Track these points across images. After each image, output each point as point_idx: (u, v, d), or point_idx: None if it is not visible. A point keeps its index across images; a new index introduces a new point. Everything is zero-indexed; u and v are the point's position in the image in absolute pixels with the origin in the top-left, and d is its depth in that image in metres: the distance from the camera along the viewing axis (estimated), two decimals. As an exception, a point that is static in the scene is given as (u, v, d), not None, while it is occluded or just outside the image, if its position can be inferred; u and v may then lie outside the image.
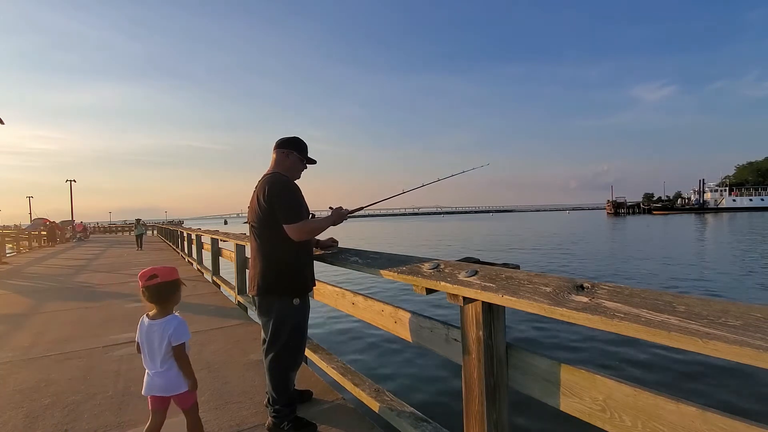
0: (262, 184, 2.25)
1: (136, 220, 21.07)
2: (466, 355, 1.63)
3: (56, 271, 10.90)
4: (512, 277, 1.46)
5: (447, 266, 1.75)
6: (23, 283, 8.88)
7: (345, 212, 2.45)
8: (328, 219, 2.35)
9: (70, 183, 40.77)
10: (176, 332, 1.85)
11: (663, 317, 0.99)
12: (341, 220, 2.43)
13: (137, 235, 18.29)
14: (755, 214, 59.59)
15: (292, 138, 2.43)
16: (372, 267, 2.16)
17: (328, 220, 2.34)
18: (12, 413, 2.62)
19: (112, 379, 3.12)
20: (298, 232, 2.19)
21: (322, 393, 2.73)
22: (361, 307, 2.60)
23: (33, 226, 33.91)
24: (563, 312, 1.19)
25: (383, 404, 2.29)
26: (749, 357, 0.84)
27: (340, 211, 2.43)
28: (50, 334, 4.46)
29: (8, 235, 19.48)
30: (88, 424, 2.45)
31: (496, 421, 1.58)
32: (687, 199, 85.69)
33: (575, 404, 1.32)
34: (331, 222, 2.35)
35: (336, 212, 2.42)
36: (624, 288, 1.17)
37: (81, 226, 33.10)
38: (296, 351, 2.31)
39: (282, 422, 2.23)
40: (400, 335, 2.19)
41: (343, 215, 2.44)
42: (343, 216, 2.43)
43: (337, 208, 2.44)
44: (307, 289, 2.35)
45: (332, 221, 2.37)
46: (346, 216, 2.45)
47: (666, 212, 74.44)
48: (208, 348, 3.79)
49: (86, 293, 7.15)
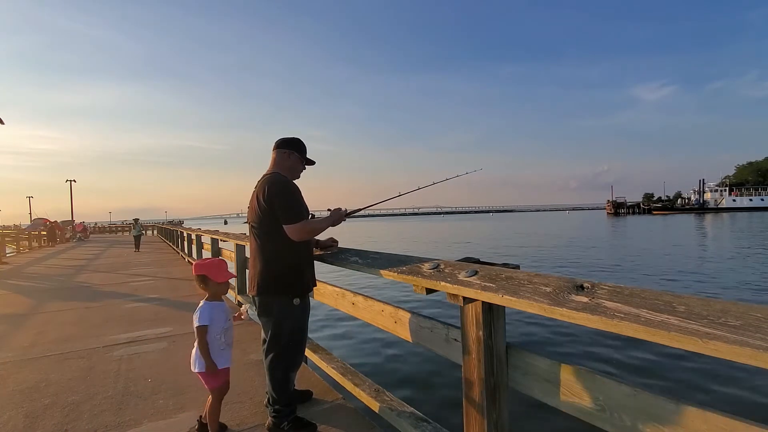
0: (262, 184, 2.25)
1: (134, 220, 20.35)
2: (466, 355, 1.63)
3: (56, 271, 10.90)
4: (512, 277, 1.45)
5: (447, 266, 1.75)
6: (23, 283, 8.88)
7: (344, 213, 2.45)
8: (328, 219, 2.35)
9: (70, 183, 40.81)
10: (199, 316, 2.12)
11: (663, 317, 0.99)
12: (340, 221, 2.44)
13: (135, 236, 17.63)
14: (755, 214, 59.58)
15: (293, 138, 2.43)
16: (372, 267, 2.15)
17: (327, 220, 2.34)
18: (12, 413, 2.62)
19: (112, 379, 3.12)
20: (299, 233, 2.19)
21: (322, 393, 2.73)
22: (361, 307, 2.60)
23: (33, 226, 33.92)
24: (563, 312, 1.19)
25: (383, 404, 2.29)
26: (749, 357, 0.83)
27: (339, 212, 2.44)
28: (50, 334, 4.46)
29: (8, 235, 19.48)
30: (88, 424, 2.45)
31: (496, 421, 1.58)
32: (687, 199, 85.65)
33: (575, 404, 1.32)
34: (330, 222, 2.36)
35: (335, 213, 2.42)
36: (624, 288, 1.17)
37: (81, 226, 33.10)
38: (296, 351, 2.31)
39: (282, 422, 2.23)
40: (400, 335, 2.19)
41: (342, 216, 2.44)
42: (342, 217, 2.44)
43: (336, 209, 2.44)
44: (308, 289, 2.35)
45: (331, 222, 2.37)
46: (344, 217, 2.46)
47: (666, 212, 74.43)
48: (208, 348, 3.79)
49: (86, 293, 7.15)
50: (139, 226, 18.28)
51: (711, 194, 78.90)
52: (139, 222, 19.40)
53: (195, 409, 2.57)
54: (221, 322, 2.17)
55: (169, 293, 6.82)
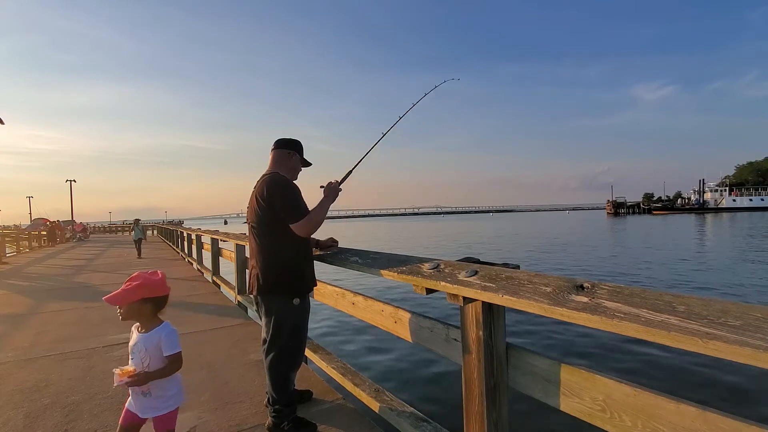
0: (262, 184, 2.25)
1: (134, 220, 17.49)
2: (466, 354, 1.63)
3: (56, 271, 10.90)
4: (512, 277, 1.46)
5: (447, 266, 1.75)
6: (23, 283, 8.88)
7: (336, 185, 2.44)
8: (326, 200, 2.35)
9: (70, 183, 40.79)
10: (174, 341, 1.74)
11: (663, 317, 0.99)
12: (337, 194, 2.42)
13: (136, 239, 14.45)
14: (755, 214, 59.57)
15: (295, 139, 2.44)
16: (372, 267, 2.16)
17: (326, 201, 2.34)
18: (12, 413, 2.62)
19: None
20: (306, 228, 2.18)
21: (322, 393, 2.73)
22: (361, 307, 2.60)
23: (33, 226, 33.93)
24: (563, 312, 1.19)
25: (383, 404, 2.29)
26: (749, 357, 0.84)
27: (332, 185, 2.42)
28: (50, 334, 4.46)
29: (8, 235, 19.48)
30: (88, 424, 2.45)
31: (496, 421, 1.58)
32: (687, 199, 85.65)
33: (575, 404, 1.32)
34: (330, 201, 2.36)
35: (328, 188, 2.41)
36: (624, 288, 1.17)
37: (81, 226, 33.10)
38: (296, 351, 2.31)
39: (282, 422, 2.23)
40: (400, 335, 2.19)
41: (336, 187, 2.43)
42: (336, 190, 2.42)
43: (327, 185, 2.43)
44: (307, 289, 2.35)
45: (331, 199, 2.37)
46: (339, 188, 2.44)
47: (666, 212, 74.41)
48: (208, 348, 3.79)
49: (86, 293, 7.15)
50: (140, 227, 15.19)
51: (711, 194, 78.88)
52: (141, 223, 16.76)
53: (195, 409, 2.57)
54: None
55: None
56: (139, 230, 14.74)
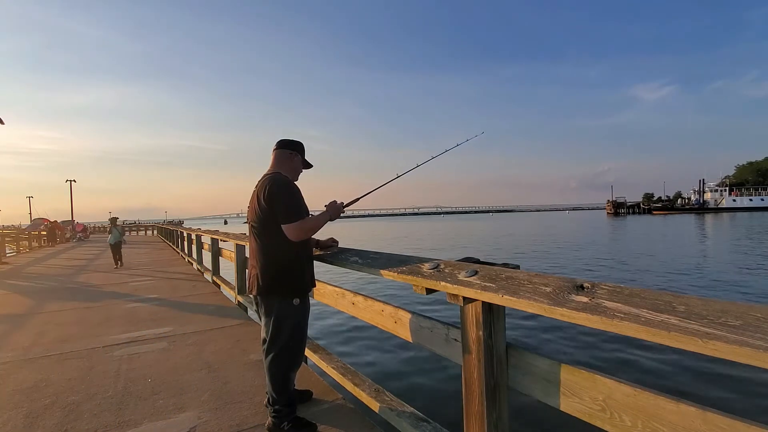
0: (263, 184, 2.25)
1: (110, 219, 13.32)
2: (466, 355, 1.63)
3: (56, 271, 10.90)
4: (512, 277, 1.46)
5: (447, 266, 1.75)
6: (23, 283, 8.87)
7: (340, 205, 2.44)
8: (325, 214, 2.34)
9: (70, 183, 40.77)
10: None
11: (663, 317, 1.00)
12: (338, 214, 2.42)
13: (112, 243, 11.34)
14: (755, 214, 59.56)
15: (296, 140, 2.44)
16: (372, 267, 2.15)
17: (324, 215, 2.33)
18: (12, 413, 2.61)
19: (112, 379, 3.12)
20: (297, 232, 2.18)
21: (322, 393, 2.73)
22: (361, 307, 2.60)
23: (33, 226, 33.89)
24: (563, 312, 1.19)
25: (383, 404, 2.29)
26: (749, 357, 0.84)
27: (335, 205, 2.42)
28: (50, 334, 4.45)
29: (8, 235, 19.47)
30: (88, 424, 2.45)
31: (496, 421, 1.58)
32: (687, 199, 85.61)
33: (575, 404, 1.32)
34: (328, 217, 2.35)
35: (331, 206, 2.41)
36: (624, 288, 1.17)
37: (81, 226, 33.09)
38: (296, 351, 2.31)
39: (282, 422, 2.23)
40: (400, 335, 2.19)
41: (339, 208, 2.43)
42: (339, 209, 2.42)
43: (331, 203, 2.43)
44: (307, 289, 2.35)
45: (329, 216, 2.36)
46: (342, 209, 2.44)
47: (666, 212, 74.40)
48: (208, 348, 3.79)
49: (86, 293, 7.15)
50: (118, 228, 12.12)
51: (711, 194, 78.87)
52: (119, 223, 13.86)
53: (195, 409, 2.57)
54: None
55: (168, 293, 6.82)
56: (117, 232, 11.70)
